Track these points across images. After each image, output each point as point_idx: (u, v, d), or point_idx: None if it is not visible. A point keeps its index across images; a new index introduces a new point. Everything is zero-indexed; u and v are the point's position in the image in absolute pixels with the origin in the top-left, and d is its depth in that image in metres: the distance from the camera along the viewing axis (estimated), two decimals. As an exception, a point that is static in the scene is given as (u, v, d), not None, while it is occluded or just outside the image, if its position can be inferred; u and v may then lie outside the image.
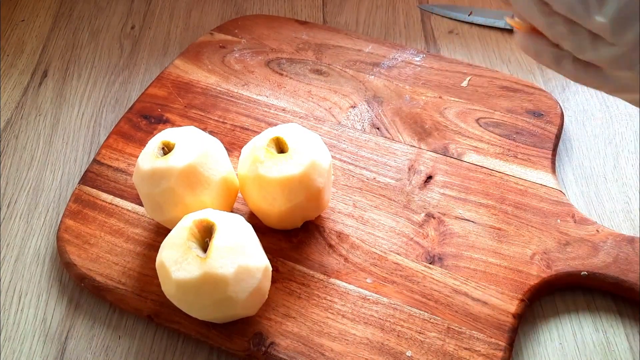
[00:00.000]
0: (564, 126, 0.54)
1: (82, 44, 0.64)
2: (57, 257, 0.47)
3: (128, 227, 0.46)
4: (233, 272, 0.36)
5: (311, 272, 0.44)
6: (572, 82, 0.59)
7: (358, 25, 0.65)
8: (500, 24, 0.64)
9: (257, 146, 0.42)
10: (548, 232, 0.45)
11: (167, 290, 0.38)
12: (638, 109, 0.56)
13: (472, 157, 0.50)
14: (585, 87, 0.58)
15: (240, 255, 0.37)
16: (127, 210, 0.47)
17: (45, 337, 0.43)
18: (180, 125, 0.53)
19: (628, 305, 0.44)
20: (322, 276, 0.43)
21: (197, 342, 0.43)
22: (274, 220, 0.43)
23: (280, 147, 0.42)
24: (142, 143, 0.51)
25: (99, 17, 0.67)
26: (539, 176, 0.49)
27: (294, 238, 0.45)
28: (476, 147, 0.51)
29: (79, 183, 0.49)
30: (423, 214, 0.47)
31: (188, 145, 0.41)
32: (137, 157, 0.50)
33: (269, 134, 0.42)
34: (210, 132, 0.52)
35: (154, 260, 0.43)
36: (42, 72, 0.61)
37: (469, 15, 0.65)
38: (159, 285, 0.39)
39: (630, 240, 0.44)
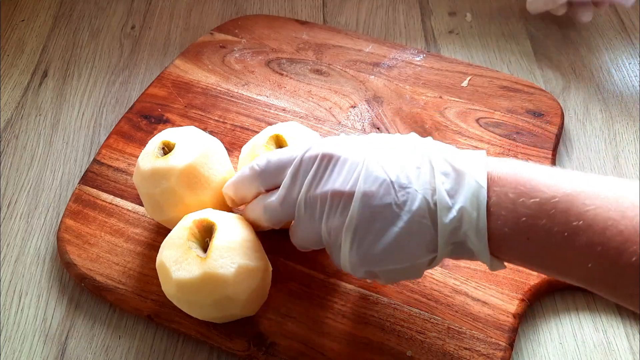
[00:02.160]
0: (564, 126, 0.54)
1: (82, 44, 0.64)
2: (57, 257, 0.47)
3: (128, 227, 0.46)
4: (233, 272, 0.36)
5: (311, 272, 0.44)
6: (572, 82, 0.59)
7: (358, 25, 0.65)
8: None
9: (257, 144, 0.42)
10: (548, 232, 0.45)
11: (168, 290, 0.38)
12: (638, 108, 0.56)
13: (472, 157, 0.50)
14: (586, 87, 0.58)
15: (241, 255, 0.37)
16: (127, 210, 0.47)
17: (46, 337, 0.43)
18: (181, 125, 0.53)
19: (628, 305, 0.44)
20: (322, 276, 0.43)
21: (197, 342, 0.43)
22: None
23: (280, 145, 0.42)
24: (142, 143, 0.51)
25: (99, 17, 0.67)
26: (539, 176, 0.49)
27: (294, 238, 0.45)
28: (476, 147, 0.51)
29: (79, 183, 0.49)
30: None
31: (188, 145, 0.41)
32: (137, 157, 0.50)
33: (269, 131, 0.42)
34: (211, 132, 0.52)
35: (154, 260, 0.43)
36: (42, 72, 0.61)
37: None
38: (159, 285, 0.39)
39: (630, 240, 0.44)
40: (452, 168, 0.34)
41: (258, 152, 0.41)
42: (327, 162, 0.36)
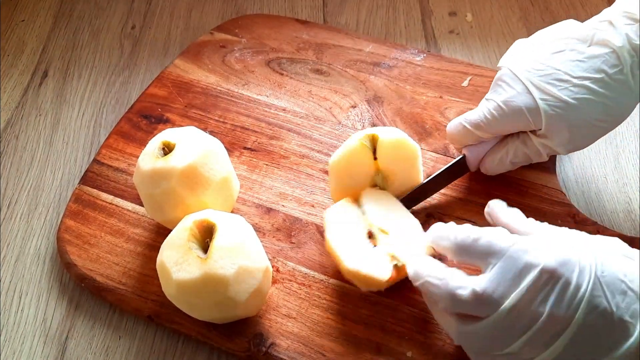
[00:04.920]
0: (565, 126, 0.54)
1: (82, 44, 0.64)
2: (57, 257, 0.47)
3: (128, 228, 0.46)
4: (233, 273, 0.36)
5: (312, 273, 0.44)
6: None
7: (358, 25, 0.65)
8: None
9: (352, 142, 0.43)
10: (549, 233, 0.45)
11: (168, 290, 0.38)
12: (638, 108, 0.56)
13: (472, 157, 0.50)
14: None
15: (241, 256, 0.37)
16: (128, 210, 0.47)
17: (46, 337, 0.43)
18: (181, 125, 0.53)
19: (629, 305, 0.44)
20: (322, 276, 0.43)
21: (198, 343, 0.43)
22: None
23: (375, 145, 0.43)
24: (143, 143, 0.51)
25: (100, 17, 0.67)
26: (540, 176, 0.49)
27: (294, 238, 0.45)
28: (477, 147, 0.51)
29: (79, 183, 0.49)
30: (423, 214, 0.46)
31: (188, 146, 0.41)
32: (137, 157, 0.50)
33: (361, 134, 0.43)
34: (211, 132, 0.52)
35: (155, 261, 0.43)
36: (42, 72, 0.61)
37: None
38: (159, 285, 0.39)
39: (631, 241, 0.44)
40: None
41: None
42: (548, 279, 0.32)
